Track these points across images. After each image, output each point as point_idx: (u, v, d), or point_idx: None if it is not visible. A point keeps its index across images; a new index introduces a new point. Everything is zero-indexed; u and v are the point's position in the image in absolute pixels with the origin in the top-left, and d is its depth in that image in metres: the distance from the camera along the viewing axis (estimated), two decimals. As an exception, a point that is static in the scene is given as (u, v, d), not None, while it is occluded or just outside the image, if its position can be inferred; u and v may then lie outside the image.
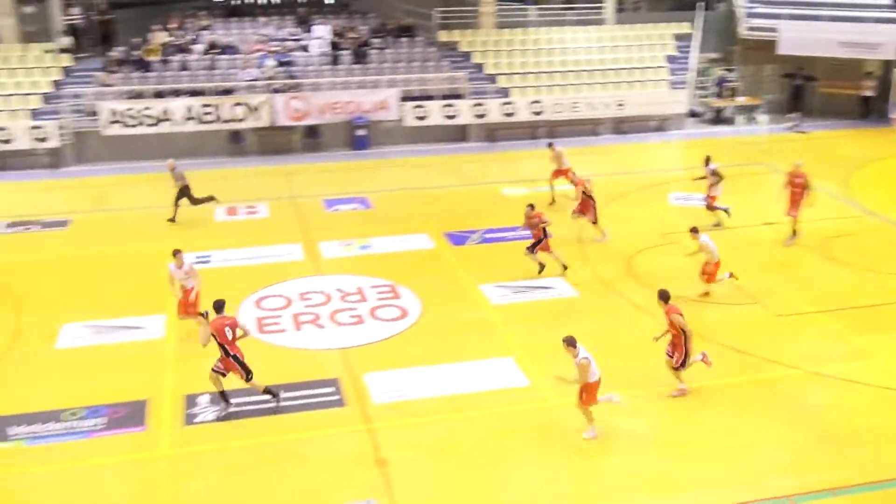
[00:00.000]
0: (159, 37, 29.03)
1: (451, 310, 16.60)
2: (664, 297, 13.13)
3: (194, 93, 27.04)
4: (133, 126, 26.43)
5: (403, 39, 31.17)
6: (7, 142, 25.68)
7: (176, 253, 15.42)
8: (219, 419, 12.96)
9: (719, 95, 32.44)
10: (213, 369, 12.91)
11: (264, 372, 13.97)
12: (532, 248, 17.83)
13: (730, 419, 12.85)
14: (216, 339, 12.74)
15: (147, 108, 26.38)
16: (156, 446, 12.37)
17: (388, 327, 15.90)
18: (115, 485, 11.60)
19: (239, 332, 12.93)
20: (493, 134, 29.33)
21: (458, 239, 20.08)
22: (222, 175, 25.35)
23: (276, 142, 27.84)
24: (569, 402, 12.53)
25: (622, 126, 30.50)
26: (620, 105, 30.28)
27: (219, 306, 13.03)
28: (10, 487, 11.52)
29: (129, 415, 13.06)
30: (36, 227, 21.04)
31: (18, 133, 25.71)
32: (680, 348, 13.07)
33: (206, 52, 28.79)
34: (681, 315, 13.02)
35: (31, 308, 16.66)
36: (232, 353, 12.80)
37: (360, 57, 29.54)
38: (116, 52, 28.46)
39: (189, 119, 26.71)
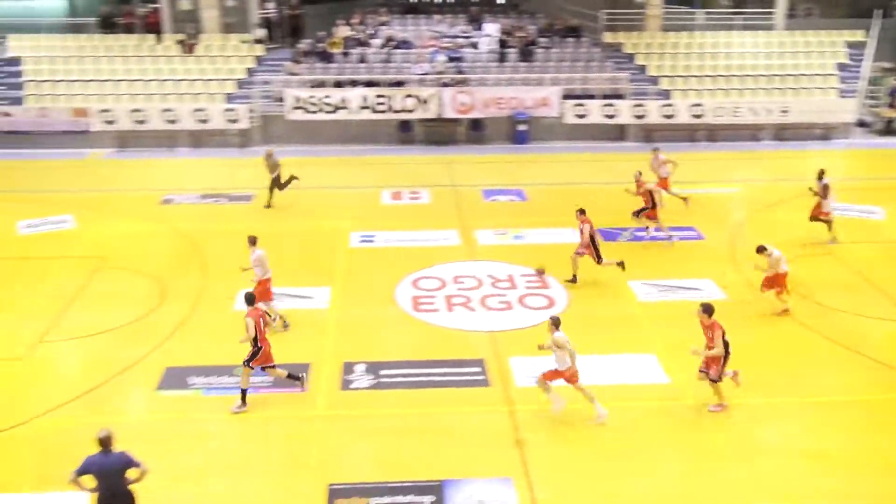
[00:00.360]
0: (342, 31, 30.11)
1: (598, 303, 16.43)
2: (708, 311, 12.36)
3: (370, 84, 27.89)
4: (313, 112, 27.58)
5: (569, 40, 30.92)
6: (205, 122, 27.41)
7: (252, 241, 15.37)
8: (372, 387, 13.42)
9: (891, 105, 30.33)
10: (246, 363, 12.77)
11: (417, 347, 14.40)
12: (637, 213, 18.87)
13: (875, 436, 12.10)
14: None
15: (327, 97, 27.45)
16: (314, 406, 12.95)
17: (535, 315, 15.92)
18: (276, 437, 12.25)
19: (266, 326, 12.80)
20: (652, 135, 28.66)
21: (609, 235, 19.80)
22: (390, 161, 26.06)
23: (441, 133, 28.32)
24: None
25: (784, 133, 29.08)
26: (784, 112, 28.86)
27: (250, 299, 12.95)
28: (189, 430, 12.39)
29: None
30: (224, 200, 22.37)
31: (214, 114, 27.38)
32: (717, 362, 12.37)
33: (383, 47, 29.62)
34: (723, 331, 12.24)
35: (215, 272, 17.76)
36: (259, 345, 12.69)
37: (526, 55, 29.56)
38: (303, 45, 29.74)
39: (364, 108, 27.59)
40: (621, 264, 17.13)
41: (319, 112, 27.60)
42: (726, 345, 12.34)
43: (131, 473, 9.38)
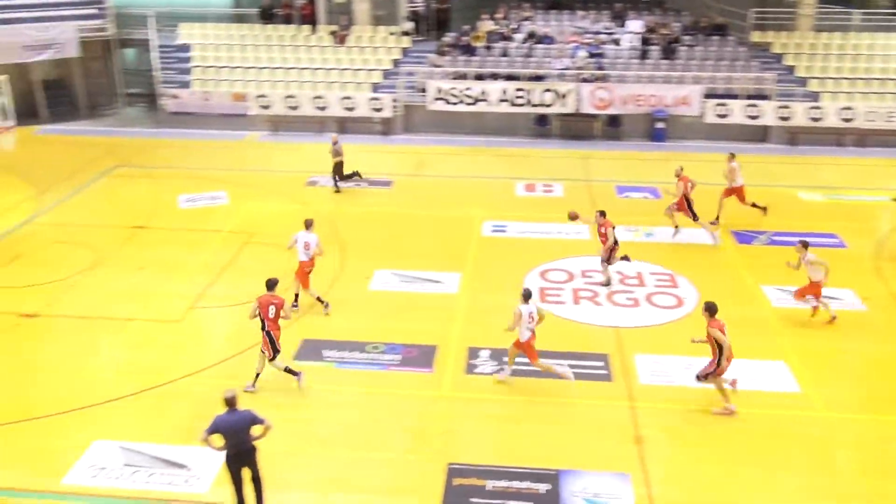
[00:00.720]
0: (486, 25, 30.11)
1: (728, 305, 15.64)
2: (710, 309, 12.17)
3: (510, 77, 27.77)
4: (454, 104, 27.73)
5: (714, 38, 29.72)
6: (351, 109, 28.08)
7: (308, 224, 15.47)
8: (495, 373, 13.38)
9: None
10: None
11: (541, 337, 14.21)
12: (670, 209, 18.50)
13: None
14: (259, 315, 12.49)
15: (468, 89, 27.53)
16: (439, 387, 13.05)
17: (662, 314, 15.45)
18: (401, 413, 12.42)
19: (282, 314, 12.58)
20: (796, 137, 27.17)
21: (744, 238, 18.96)
22: (525, 154, 25.89)
23: (578, 127, 27.89)
24: (842, 418, 11.44)
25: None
26: (943, 118, 26.69)
27: (271, 284, 12.73)
28: (320, 400, 12.75)
29: (421, 356, 13.89)
30: (364, 184, 22.85)
31: (360, 103, 28.00)
32: (712, 363, 12.11)
33: (524, 41, 29.43)
34: (722, 332, 11.97)
35: (353, 252, 18.18)
36: (267, 330, 12.55)
37: (668, 53, 28.65)
38: (448, 37, 29.94)
39: (503, 101, 27.50)
40: (626, 258, 16.75)
41: (460, 103, 27.72)
42: (720, 348, 11.94)
43: (255, 430, 9.77)
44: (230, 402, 9.61)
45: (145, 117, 31.13)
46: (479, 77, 28.01)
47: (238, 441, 9.67)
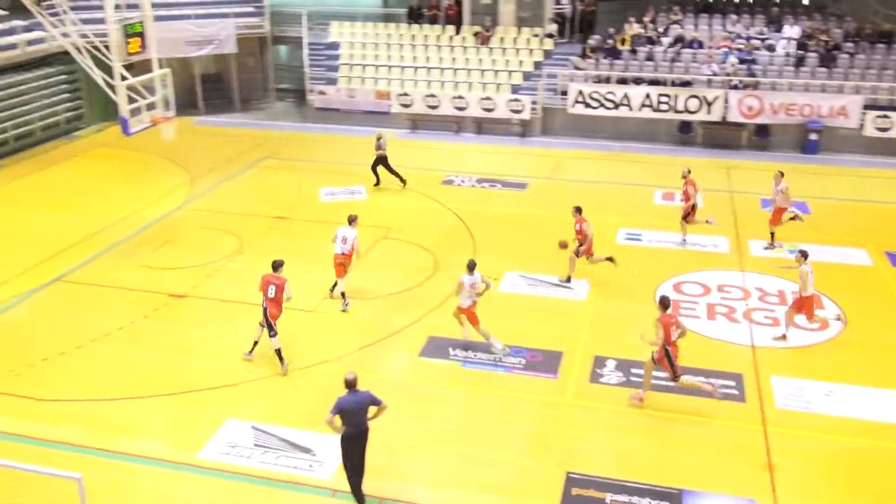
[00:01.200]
0: (633, 28, 29.53)
1: (880, 331, 14.80)
2: (663, 303, 12.35)
3: (654, 82, 27.12)
4: (595, 108, 27.35)
5: (880, 46, 27.92)
6: (490, 110, 28.21)
7: (351, 220, 15.94)
8: (621, 384, 13.12)
9: None
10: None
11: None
12: (685, 217, 18.25)
13: None
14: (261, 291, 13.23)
15: (610, 93, 27.09)
16: (562, 394, 12.93)
17: (805, 335, 14.68)
18: (523, 417, 12.40)
19: (284, 296, 13.20)
20: (968, 155, 25.19)
21: (899, 259, 17.76)
22: (665, 161, 25.21)
23: (723, 136, 26.90)
24: None
25: None
26: None
27: (276, 266, 13.46)
28: (443, 397, 12.93)
29: (545, 361, 13.81)
30: (499, 186, 22.91)
31: (500, 104, 28.09)
32: (663, 361, 12.19)
33: (672, 45, 28.66)
34: (674, 327, 12.13)
35: (484, 252, 18.25)
36: (265, 307, 13.17)
37: (827, 61, 27.15)
38: (593, 40, 29.55)
39: (645, 106, 26.89)
40: (611, 259, 16.73)
41: (600, 107, 27.32)
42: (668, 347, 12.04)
43: (370, 410, 10.14)
44: (351, 384, 10.05)
45: (293, 112, 32.42)
46: (622, 81, 27.50)
47: (358, 421, 10.09)
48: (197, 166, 24.20)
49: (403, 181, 22.46)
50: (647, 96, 26.81)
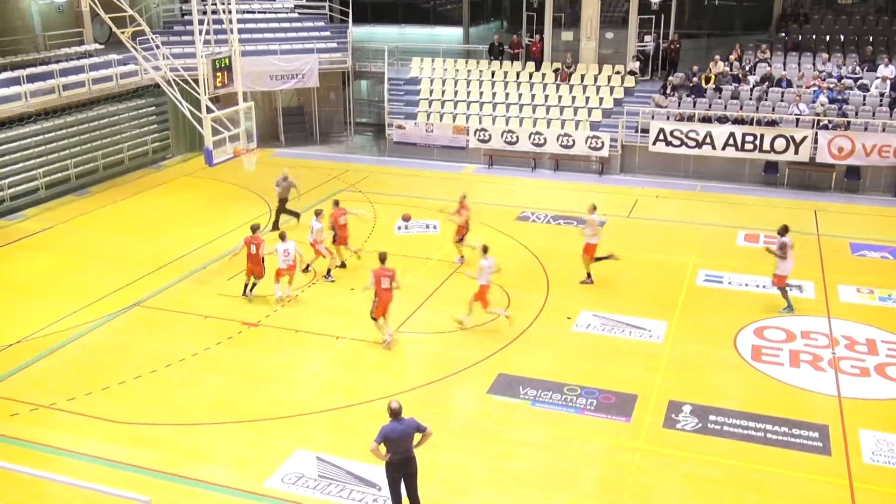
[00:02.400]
0: (718, 66, 29.14)
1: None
2: (382, 258, 15.45)
3: (739, 121, 26.63)
4: (676, 146, 26.99)
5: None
6: (568, 147, 28.13)
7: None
8: (696, 431, 12.75)
9: None
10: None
11: (752, 399, 13.47)
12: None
13: None
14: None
15: (692, 131, 26.71)
16: (635, 438, 12.63)
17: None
18: (593, 460, 12.16)
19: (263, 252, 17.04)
20: None
21: None
22: (749, 202, 24.65)
23: (811, 178, 26.18)
24: None
25: None
26: None
27: (253, 228, 17.23)
28: (510, 436, 12.77)
29: (618, 404, 13.53)
30: (575, 223, 22.73)
31: (578, 140, 27.99)
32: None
33: (758, 84, 28.14)
34: (384, 278, 15.10)
35: (558, 290, 18.12)
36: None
37: (924, 101, 26.21)
38: (675, 78, 29.28)
39: (728, 145, 26.40)
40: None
41: (682, 146, 26.94)
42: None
43: (415, 437, 10.22)
44: (395, 412, 10.15)
45: (371, 145, 33.00)
46: (706, 119, 27.09)
47: (403, 448, 10.15)
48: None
49: (297, 216, 22.63)
50: (732, 135, 26.33)
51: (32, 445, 12.53)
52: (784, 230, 16.98)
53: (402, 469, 10.25)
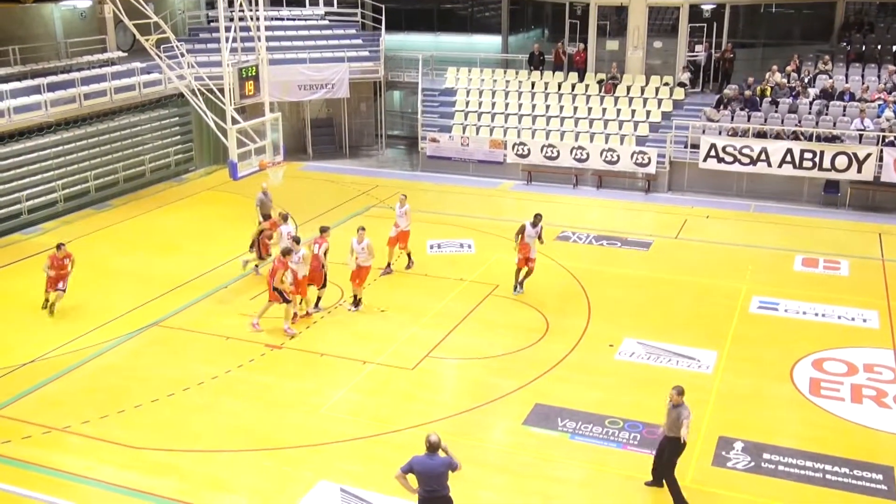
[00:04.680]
0: (774, 77, 28.93)
1: None
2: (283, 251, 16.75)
3: (797, 137, 26.38)
4: (729, 162, 26.80)
5: None
6: (612, 163, 28.06)
7: (297, 241, 17.63)
8: (749, 470, 12.56)
9: None
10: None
11: (810, 436, 13.26)
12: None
13: None
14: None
15: (746, 147, 26.51)
16: (682, 477, 12.42)
17: (967, 428, 13.71)
18: (634, 499, 12.03)
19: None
20: None
21: None
22: (807, 224, 24.36)
23: (876, 198, 25.82)
24: None
25: None
26: None
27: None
28: (548, 472, 12.68)
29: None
30: (619, 244, 22.62)
31: (623, 156, 27.91)
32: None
33: (818, 97, 27.88)
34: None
35: (601, 316, 18.01)
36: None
37: None
38: (729, 90, 29.11)
39: (786, 163, 26.15)
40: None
41: (735, 163, 26.75)
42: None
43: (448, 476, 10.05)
44: (431, 446, 9.98)
45: (403, 159, 33.21)
46: (761, 135, 26.87)
47: (432, 486, 10.01)
48: (302, 213, 25.01)
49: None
50: (789, 152, 26.08)
51: (45, 470, 12.69)
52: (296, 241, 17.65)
53: None
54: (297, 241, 17.62)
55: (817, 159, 25.82)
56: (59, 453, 13.14)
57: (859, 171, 25.47)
